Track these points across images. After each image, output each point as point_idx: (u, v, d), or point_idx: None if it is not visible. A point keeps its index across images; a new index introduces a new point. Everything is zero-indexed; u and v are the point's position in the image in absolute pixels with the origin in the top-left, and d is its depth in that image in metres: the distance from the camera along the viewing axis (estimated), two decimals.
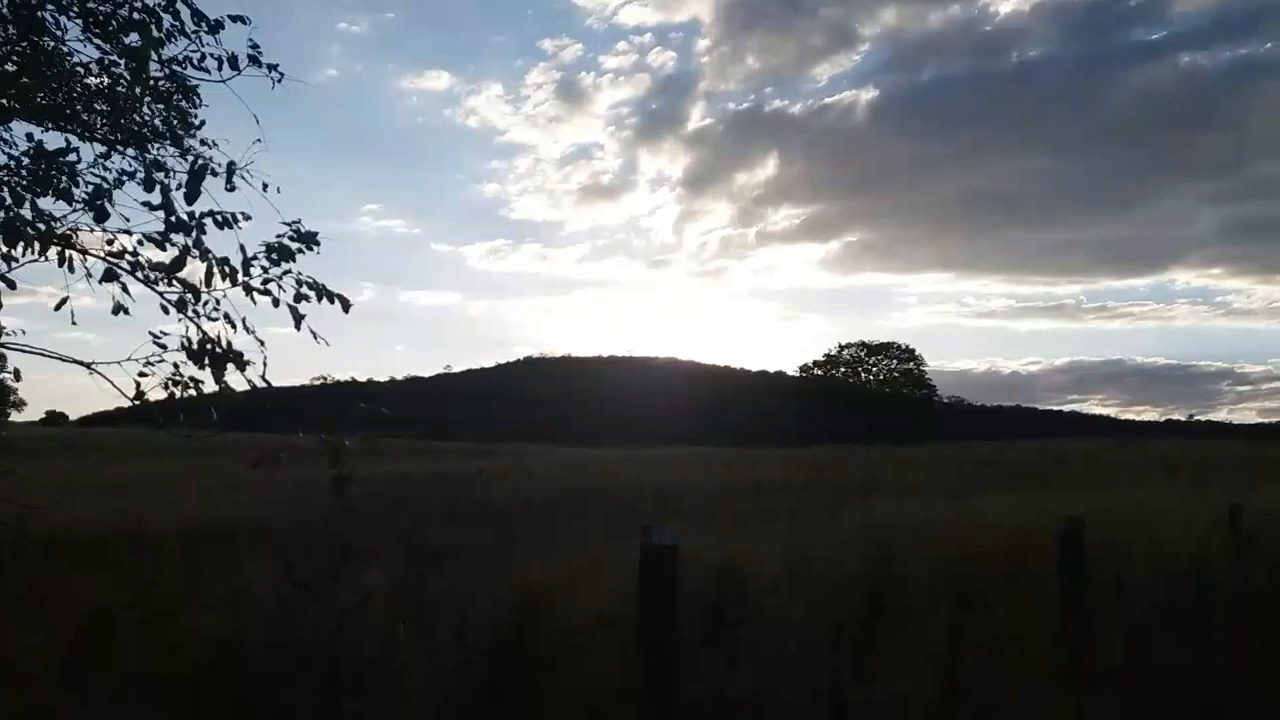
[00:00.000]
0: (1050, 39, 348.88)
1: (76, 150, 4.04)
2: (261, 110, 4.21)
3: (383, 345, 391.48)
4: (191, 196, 3.40)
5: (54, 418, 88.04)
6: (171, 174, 4.10)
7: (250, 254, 3.80)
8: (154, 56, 4.01)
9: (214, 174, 4.29)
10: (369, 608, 5.07)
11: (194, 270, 3.72)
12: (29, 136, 3.77)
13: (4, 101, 3.85)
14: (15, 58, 3.99)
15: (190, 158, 4.29)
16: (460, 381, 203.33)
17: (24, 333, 4.55)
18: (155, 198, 3.41)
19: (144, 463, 34.40)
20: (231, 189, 4.13)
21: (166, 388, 3.80)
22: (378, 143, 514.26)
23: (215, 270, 3.64)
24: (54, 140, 4.09)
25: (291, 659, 4.00)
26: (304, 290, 3.83)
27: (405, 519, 14.51)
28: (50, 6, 3.87)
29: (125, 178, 4.08)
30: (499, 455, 47.95)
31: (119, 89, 4.10)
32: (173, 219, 3.48)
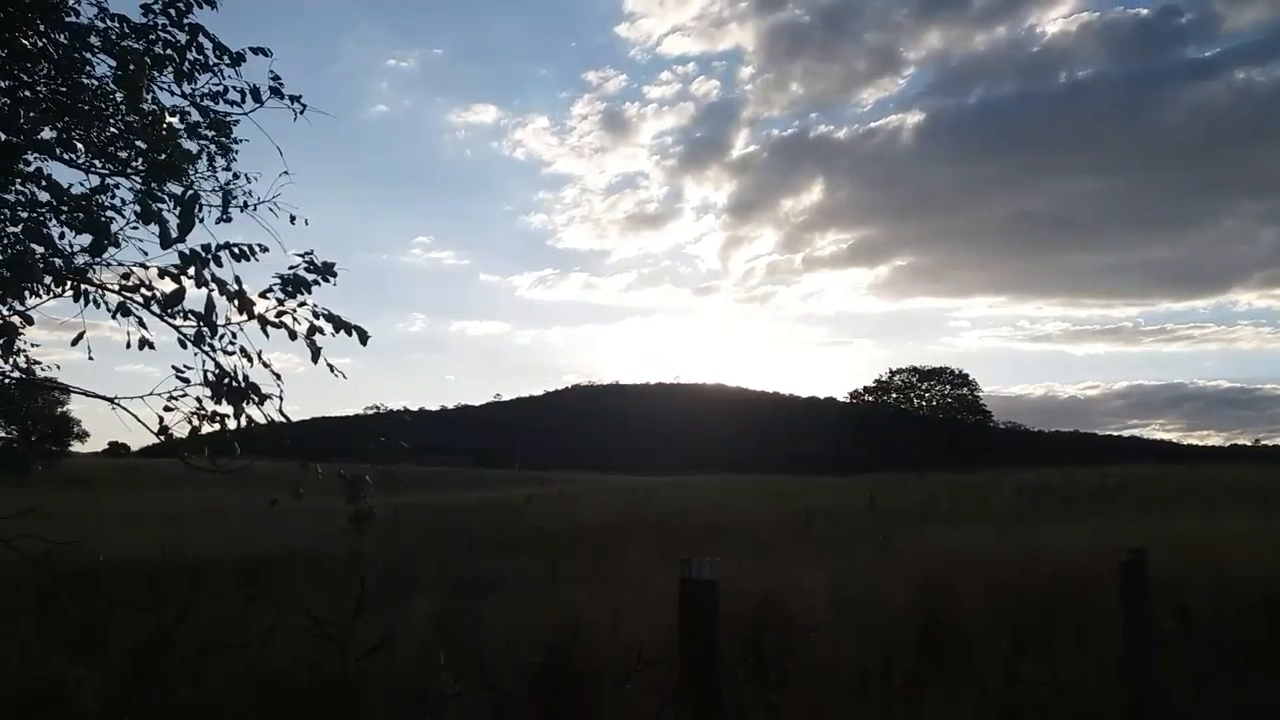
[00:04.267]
0: (1099, 58, 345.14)
1: (111, 189, 4.12)
2: (314, 146, 4.29)
3: (434, 374, 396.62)
4: (185, 227, 3.39)
5: (116, 448, 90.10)
6: (204, 205, 4.15)
7: (266, 286, 3.79)
8: (170, 88, 4.09)
9: (242, 208, 4.34)
10: (412, 639, 5.06)
11: (215, 303, 3.70)
12: (37, 171, 3.80)
13: (30, 137, 3.92)
14: (60, 95, 4.09)
15: (220, 191, 4.34)
16: (510, 410, 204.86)
17: (59, 368, 4.63)
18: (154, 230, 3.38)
19: (204, 492, 35.03)
20: (227, 219, 4.16)
21: (190, 422, 3.78)
22: (427, 176, 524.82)
23: (217, 302, 3.61)
24: (92, 180, 4.18)
25: (338, 692, 3.99)
26: (319, 323, 3.79)
27: (455, 547, 14.53)
28: (82, 44, 3.94)
29: (127, 209, 4.12)
30: (548, 483, 48.00)
31: (147, 125, 4.17)
32: (186, 251, 3.47)
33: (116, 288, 3.80)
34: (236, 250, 3.69)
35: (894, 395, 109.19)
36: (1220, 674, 4.95)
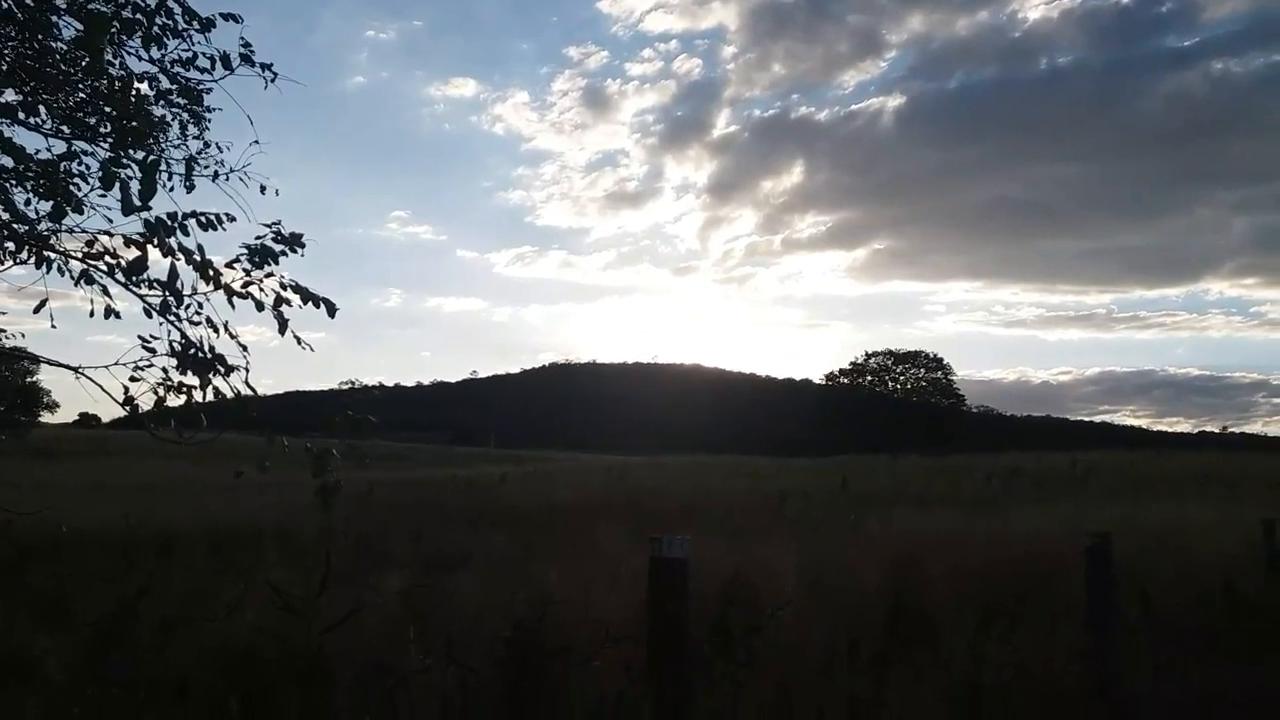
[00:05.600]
0: (1080, 45, 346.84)
1: (79, 155, 4.03)
2: (291, 117, 4.24)
3: (410, 350, 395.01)
4: (147, 194, 3.32)
5: (86, 419, 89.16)
6: (171, 173, 4.08)
7: (234, 256, 3.73)
8: (138, 53, 4.00)
9: (213, 178, 4.27)
10: (381, 614, 5.05)
11: (182, 273, 3.64)
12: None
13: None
14: (26, 59, 4.00)
15: (189, 160, 4.26)
16: (486, 387, 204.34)
17: (23, 336, 4.55)
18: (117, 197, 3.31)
19: (172, 464, 34.79)
20: (191, 187, 4.09)
21: (156, 393, 3.72)
22: (405, 149, 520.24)
23: (183, 272, 3.55)
24: (58, 146, 4.09)
25: (303, 664, 3.98)
26: (286, 294, 3.74)
27: (428, 524, 14.52)
28: (48, 6, 3.85)
29: (92, 176, 4.03)
30: (523, 461, 48.02)
31: (116, 91, 4.08)
32: (151, 219, 3.41)
33: (80, 255, 3.73)
34: (203, 219, 3.62)
35: (869, 378, 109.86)
36: (1181, 660, 5.03)
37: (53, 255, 3.86)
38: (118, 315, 3.89)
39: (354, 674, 3.90)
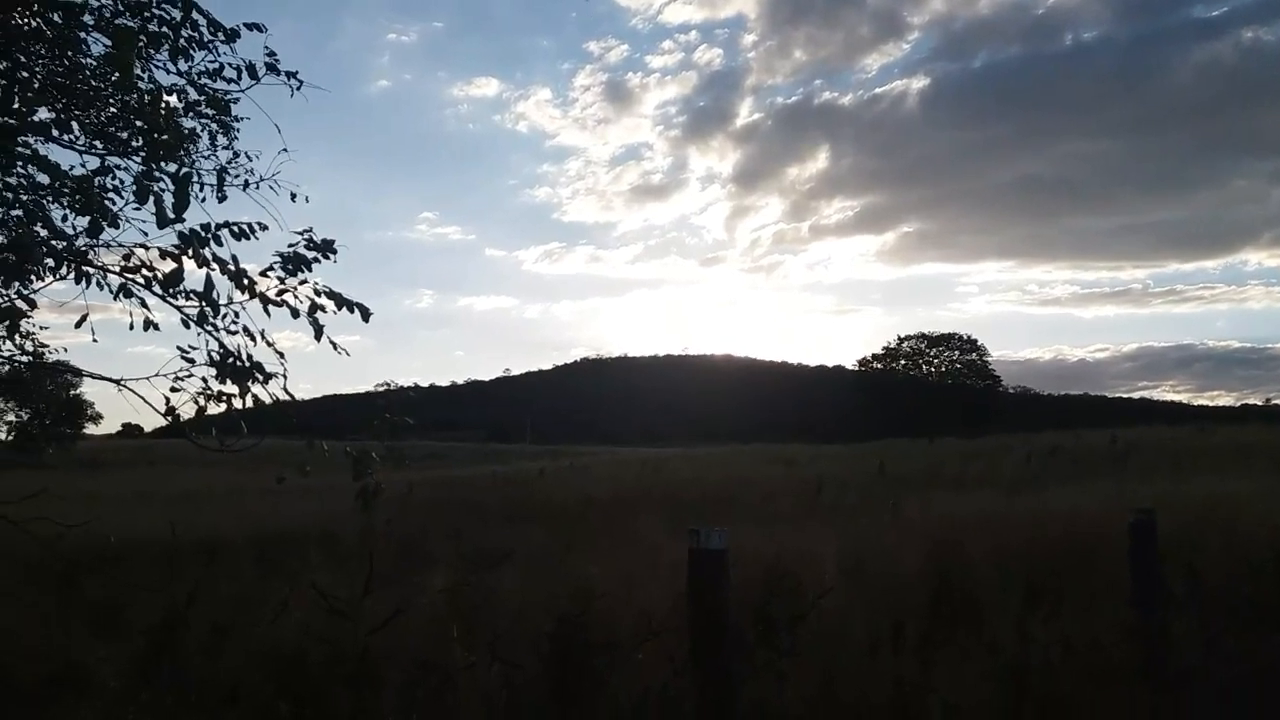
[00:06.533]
0: (1105, 19, 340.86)
1: (112, 170, 4.10)
2: (317, 123, 4.28)
3: (443, 350, 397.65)
4: (180, 206, 3.36)
5: (129, 430, 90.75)
6: (202, 184, 4.13)
7: (267, 265, 3.78)
8: (165, 66, 4.05)
9: (244, 187, 4.33)
10: (425, 613, 5.10)
11: (217, 283, 3.69)
12: (35, 153, 3.77)
13: (25, 119, 3.89)
14: (56, 76, 4.07)
15: (220, 170, 4.32)
16: (519, 384, 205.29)
17: (66, 350, 4.64)
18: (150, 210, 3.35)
19: (215, 471, 35.32)
20: (223, 198, 4.14)
21: (197, 403, 3.78)
22: (430, 151, 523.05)
23: (218, 282, 3.59)
24: (92, 161, 4.16)
25: (350, 665, 4.03)
26: (320, 300, 3.77)
27: (468, 522, 14.63)
28: (77, 23, 3.91)
29: (126, 190, 4.10)
30: (559, 456, 48.24)
31: (146, 105, 4.13)
32: (185, 231, 3.45)
33: (118, 269, 3.79)
34: (236, 229, 3.67)
35: (903, 362, 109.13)
36: (1232, 633, 4.96)
37: (91, 270, 3.93)
38: (156, 327, 3.95)
39: (401, 674, 3.95)
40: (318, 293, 3.76)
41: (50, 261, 3.94)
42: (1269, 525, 7.93)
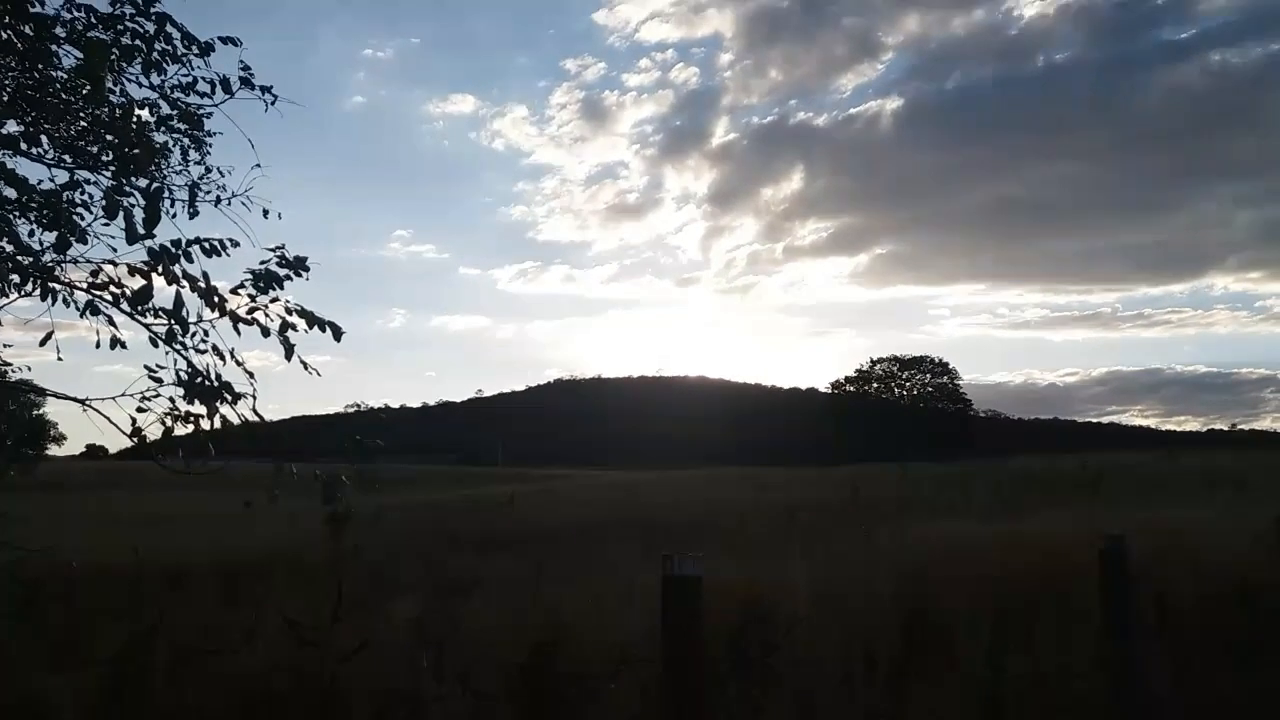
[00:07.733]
0: (1076, 41, 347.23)
1: (81, 184, 4.05)
2: (291, 139, 4.24)
3: (415, 370, 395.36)
4: (151, 222, 3.32)
5: (94, 451, 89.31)
6: (174, 200, 4.09)
7: (238, 282, 3.73)
8: (138, 79, 4.01)
9: (215, 203, 4.29)
10: (394, 642, 5.03)
11: (187, 301, 3.63)
12: (0, 166, 3.71)
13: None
14: (27, 89, 4.02)
15: (191, 186, 4.27)
16: (492, 405, 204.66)
17: (29, 369, 4.56)
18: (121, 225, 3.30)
19: (182, 494, 34.76)
20: (194, 214, 4.10)
21: (164, 423, 3.71)
22: (405, 168, 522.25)
23: (188, 299, 3.54)
24: (61, 176, 4.11)
25: (317, 696, 3.96)
26: (291, 319, 3.73)
27: (437, 548, 14.47)
28: (48, 35, 3.86)
29: (96, 205, 4.04)
30: (530, 480, 47.94)
31: (117, 119, 4.09)
32: (155, 247, 3.40)
33: (85, 285, 3.73)
34: (207, 245, 3.63)
35: (875, 385, 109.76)
36: (1197, 662, 4.99)
37: (58, 286, 3.87)
38: (124, 345, 3.89)
39: (369, 703, 3.89)
40: (289, 311, 3.71)
41: (15, 277, 3.87)
42: (1233, 554, 8.01)
